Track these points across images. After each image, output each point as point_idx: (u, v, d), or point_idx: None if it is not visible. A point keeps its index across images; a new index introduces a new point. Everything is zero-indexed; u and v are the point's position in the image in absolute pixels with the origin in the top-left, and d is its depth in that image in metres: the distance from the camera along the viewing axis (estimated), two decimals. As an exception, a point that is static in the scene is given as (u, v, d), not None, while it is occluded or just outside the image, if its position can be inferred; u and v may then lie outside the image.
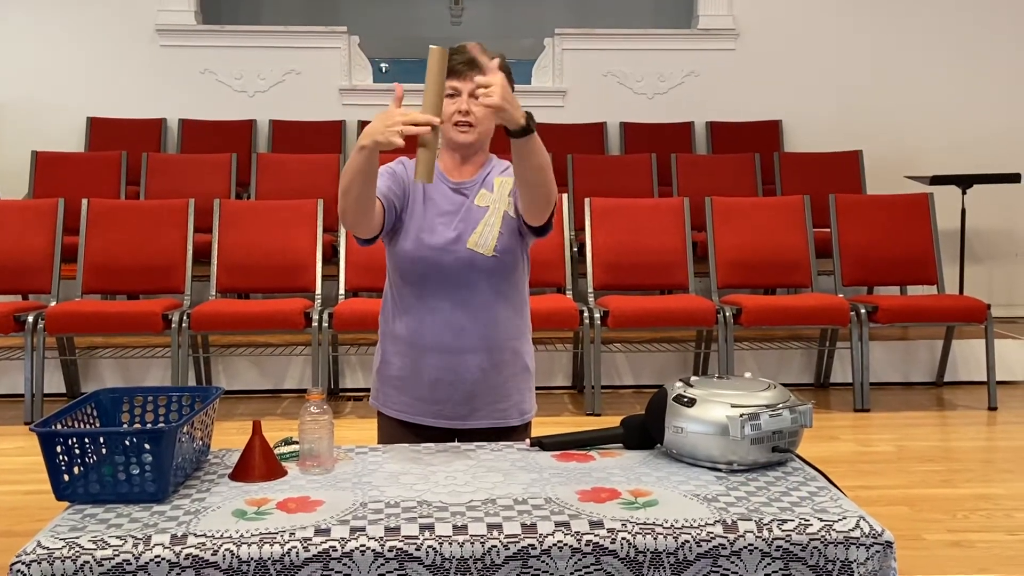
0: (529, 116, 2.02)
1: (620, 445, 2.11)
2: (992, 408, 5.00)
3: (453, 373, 2.28)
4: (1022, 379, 5.57)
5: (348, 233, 2.19)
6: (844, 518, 1.67)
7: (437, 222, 2.25)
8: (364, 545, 1.58)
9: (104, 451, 1.78)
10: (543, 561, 1.59)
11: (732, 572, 1.61)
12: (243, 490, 1.83)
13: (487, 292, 2.26)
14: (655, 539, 1.61)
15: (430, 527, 1.62)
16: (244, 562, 1.56)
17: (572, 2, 9.59)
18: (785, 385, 2.05)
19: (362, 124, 6.94)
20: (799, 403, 1.96)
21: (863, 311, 5.00)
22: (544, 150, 2.09)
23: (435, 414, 2.31)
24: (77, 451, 1.77)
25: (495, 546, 1.59)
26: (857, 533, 1.64)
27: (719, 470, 1.91)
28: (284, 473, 1.92)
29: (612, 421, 2.16)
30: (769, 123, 7.08)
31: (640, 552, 1.60)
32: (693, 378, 2.04)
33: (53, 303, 5.05)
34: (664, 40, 7.27)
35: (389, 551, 1.58)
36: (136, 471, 1.75)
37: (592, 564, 1.60)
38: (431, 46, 2.00)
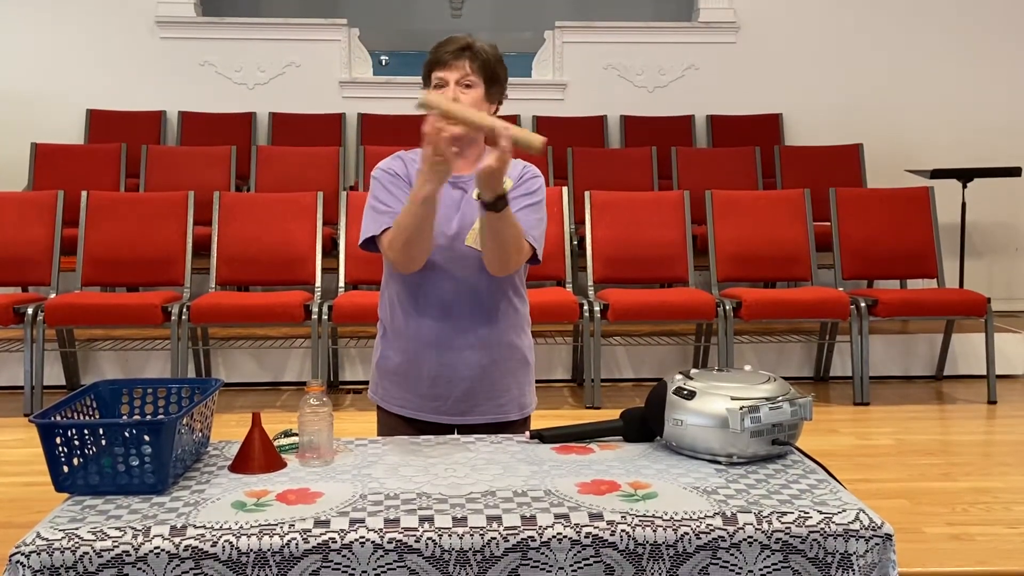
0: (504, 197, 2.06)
1: (620, 438, 2.11)
2: (992, 402, 5.00)
3: (452, 369, 2.27)
4: (1022, 373, 5.57)
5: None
6: (844, 511, 1.67)
7: (438, 216, 2.24)
8: (364, 537, 1.58)
9: (103, 443, 1.78)
10: (542, 553, 1.59)
11: (732, 564, 1.61)
12: (243, 482, 1.83)
13: (486, 288, 2.26)
14: (654, 531, 1.61)
15: (430, 519, 1.63)
16: (243, 553, 1.56)
17: (572, -5, 9.58)
18: (785, 378, 2.05)
19: (362, 117, 6.93)
20: (799, 396, 1.96)
21: (863, 305, 5.00)
22: (515, 223, 2.14)
23: (434, 410, 2.31)
24: (76, 443, 1.77)
25: (495, 538, 1.59)
26: (856, 526, 1.64)
27: (719, 463, 1.91)
28: (284, 465, 1.92)
29: (612, 414, 2.16)
30: (769, 116, 7.07)
31: (639, 544, 1.60)
32: (693, 371, 2.04)
33: (53, 295, 5.04)
34: (664, 33, 7.26)
35: (389, 543, 1.58)
36: (136, 463, 1.75)
37: (591, 556, 1.60)
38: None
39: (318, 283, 5.17)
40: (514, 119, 6.89)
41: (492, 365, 2.30)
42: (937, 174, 6.10)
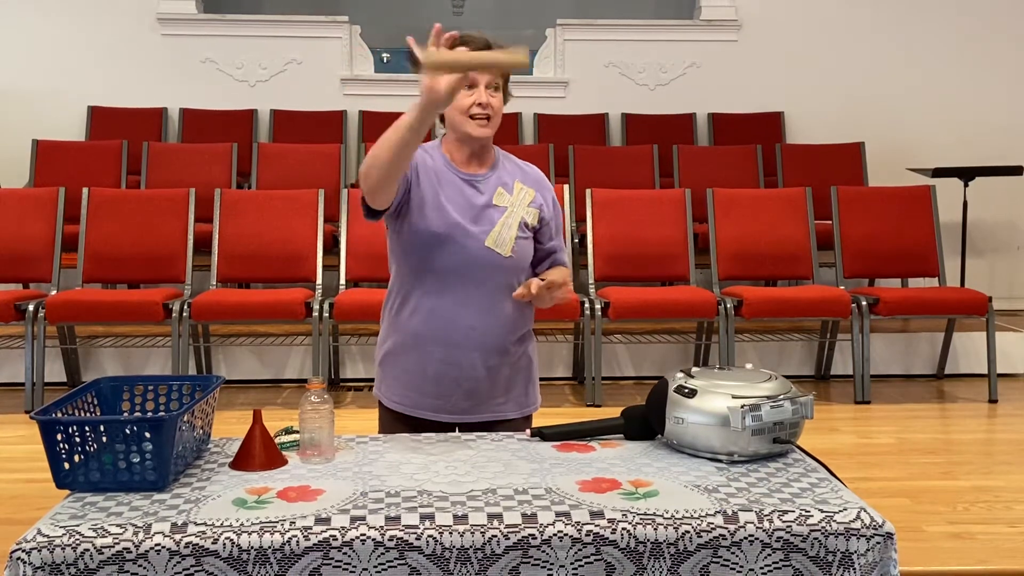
0: None
1: (621, 436, 2.11)
2: (992, 400, 5.00)
3: (457, 369, 2.27)
4: (1023, 372, 5.57)
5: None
6: (845, 509, 1.67)
7: (448, 206, 2.23)
8: (364, 534, 1.58)
9: (104, 439, 1.78)
10: (543, 551, 1.59)
11: (732, 563, 1.61)
12: (243, 479, 1.83)
13: (496, 289, 2.25)
14: (655, 529, 1.61)
15: (430, 517, 1.62)
16: (244, 551, 1.56)
17: (574, -8, 9.56)
18: (786, 377, 2.05)
19: (363, 114, 6.93)
20: (800, 394, 1.96)
21: (864, 303, 5.00)
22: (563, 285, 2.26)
23: (437, 408, 2.30)
24: (77, 439, 1.77)
25: (495, 536, 1.59)
26: (858, 524, 1.64)
27: (720, 461, 1.91)
28: (284, 462, 1.92)
29: (613, 412, 2.16)
30: (771, 115, 7.07)
31: (640, 542, 1.60)
32: (694, 369, 2.04)
33: (54, 292, 5.04)
34: (666, 31, 7.25)
35: (389, 540, 1.58)
36: (136, 459, 1.75)
37: (592, 554, 1.60)
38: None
39: (319, 280, 5.17)
40: (515, 117, 6.89)
41: (497, 365, 2.29)
42: (939, 173, 6.09)
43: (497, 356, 2.28)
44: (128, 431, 1.75)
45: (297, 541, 1.57)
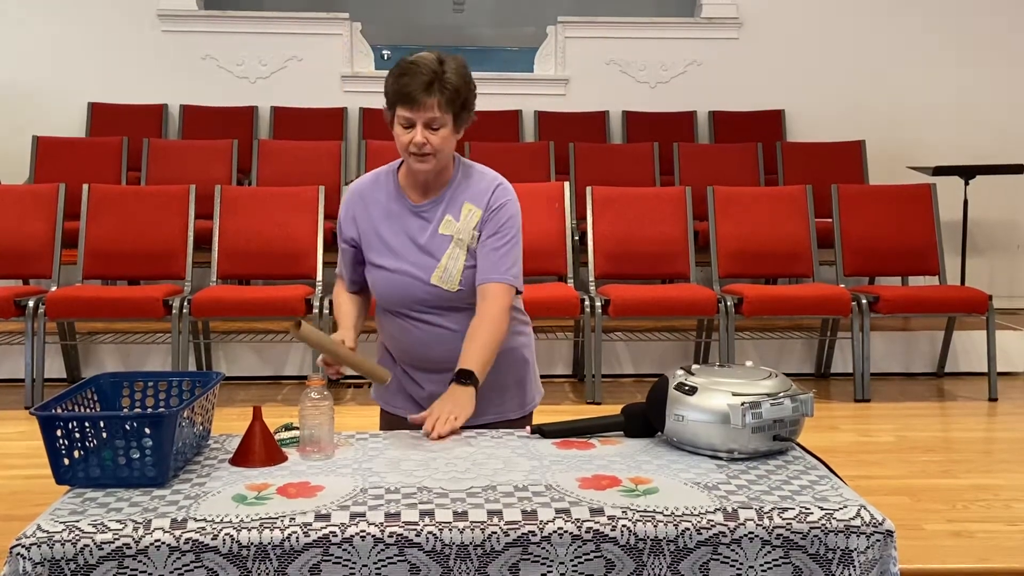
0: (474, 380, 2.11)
1: (621, 433, 2.11)
2: (992, 399, 5.00)
3: (446, 387, 2.22)
4: (1022, 370, 5.57)
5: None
6: (845, 507, 1.67)
7: (388, 249, 2.24)
8: (364, 531, 1.58)
9: (104, 435, 1.78)
10: (543, 548, 1.59)
11: (732, 560, 1.61)
12: (243, 475, 1.83)
13: (456, 314, 2.24)
14: (655, 527, 1.61)
15: (430, 513, 1.62)
16: (244, 547, 1.56)
17: (575, -10, 9.55)
18: (786, 375, 2.05)
19: (363, 111, 6.93)
20: (800, 392, 1.96)
21: (864, 301, 5.00)
22: (491, 353, 2.18)
23: None
24: (77, 435, 1.77)
25: (495, 532, 1.59)
26: (857, 522, 1.64)
27: (720, 458, 1.91)
28: (284, 458, 1.92)
29: (613, 409, 2.15)
30: (772, 113, 7.06)
31: (640, 539, 1.60)
32: (694, 366, 2.04)
33: (54, 288, 5.04)
34: (667, 29, 7.24)
35: (389, 537, 1.58)
36: (136, 455, 1.75)
37: (592, 551, 1.60)
38: (292, 328, 2.10)
39: (319, 277, 5.17)
40: (516, 114, 6.89)
41: (491, 370, 2.27)
42: (939, 171, 6.09)
43: None
44: (128, 427, 1.75)
45: (297, 537, 1.57)
